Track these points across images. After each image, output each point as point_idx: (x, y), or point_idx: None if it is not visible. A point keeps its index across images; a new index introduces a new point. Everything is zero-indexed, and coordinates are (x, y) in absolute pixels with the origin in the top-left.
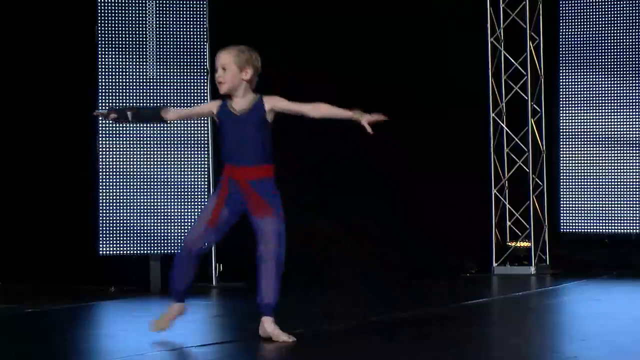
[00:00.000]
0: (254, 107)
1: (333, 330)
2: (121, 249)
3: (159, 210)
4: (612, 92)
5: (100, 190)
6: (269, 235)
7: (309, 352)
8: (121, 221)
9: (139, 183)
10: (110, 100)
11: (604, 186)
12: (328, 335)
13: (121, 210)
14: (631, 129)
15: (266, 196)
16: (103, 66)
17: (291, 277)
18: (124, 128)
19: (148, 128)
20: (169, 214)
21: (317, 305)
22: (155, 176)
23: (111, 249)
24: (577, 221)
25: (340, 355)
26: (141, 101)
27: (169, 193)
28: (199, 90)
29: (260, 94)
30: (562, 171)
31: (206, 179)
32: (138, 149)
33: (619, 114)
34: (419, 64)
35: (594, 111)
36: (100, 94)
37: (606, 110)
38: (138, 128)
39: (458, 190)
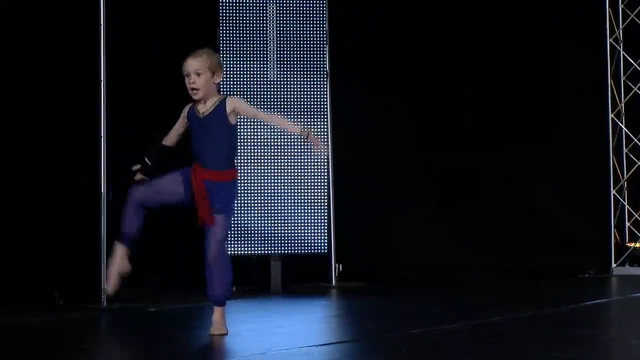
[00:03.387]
0: (217, 109)
1: (450, 329)
2: (242, 249)
3: (279, 211)
4: None
5: None
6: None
7: (426, 353)
8: (242, 222)
9: (258, 184)
10: None
11: None
12: (445, 335)
13: (242, 211)
14: None
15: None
16: (225, 69)
17: (409, 279)
18: (246, 134)
19: (267, 131)
20: (289, 214)
21: (435, 305)
22: (275, 176)
23: (233, 249)
24: None
25: (458, 355)
26: (261, 103)
27: (288, 193)
28: (319, 93)
29: (225, 95)
30: None
31: (326, 179)
32: (257, 151)
33: None
34: (537, 65)
35: None
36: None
37: None
38: (258, 131)
39: (576, 191)
